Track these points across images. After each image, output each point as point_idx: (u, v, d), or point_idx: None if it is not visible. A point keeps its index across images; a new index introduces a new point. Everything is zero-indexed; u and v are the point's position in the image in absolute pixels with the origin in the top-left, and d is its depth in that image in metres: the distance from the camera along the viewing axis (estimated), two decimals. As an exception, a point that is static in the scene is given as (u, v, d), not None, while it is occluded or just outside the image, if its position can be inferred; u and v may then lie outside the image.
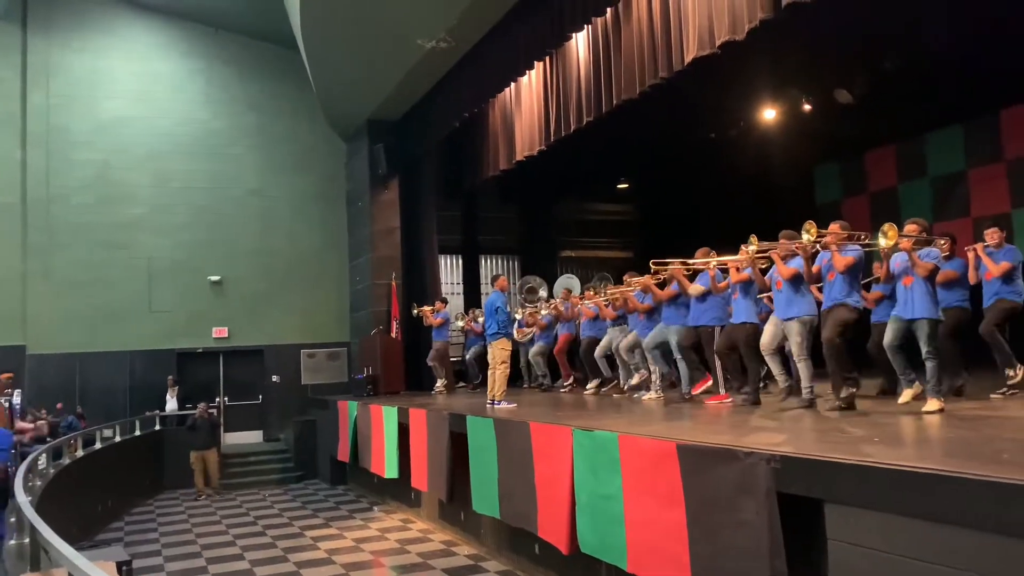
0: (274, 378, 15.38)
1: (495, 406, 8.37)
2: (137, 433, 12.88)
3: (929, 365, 5.51)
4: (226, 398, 15.04)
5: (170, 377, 14.23)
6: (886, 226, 5.54)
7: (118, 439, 12.02)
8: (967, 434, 4.52)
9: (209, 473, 12.65)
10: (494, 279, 9.26)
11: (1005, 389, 6.43)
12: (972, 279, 6.69)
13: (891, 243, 5.53)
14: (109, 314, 14.23)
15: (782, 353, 6.76)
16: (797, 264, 6.37)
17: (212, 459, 12.70)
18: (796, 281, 6.33)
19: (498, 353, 8.67)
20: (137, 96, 14.92)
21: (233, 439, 14.82)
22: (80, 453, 10.25)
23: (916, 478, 3.22)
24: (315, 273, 15.82)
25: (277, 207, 15.71)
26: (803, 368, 6.39)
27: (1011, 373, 6.46)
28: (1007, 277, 6.57)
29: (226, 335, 15.14)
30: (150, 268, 14.66)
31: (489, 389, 8.79)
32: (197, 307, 14.93)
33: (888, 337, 5.78)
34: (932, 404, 5.43)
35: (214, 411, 13.33)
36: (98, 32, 14.75)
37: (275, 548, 8.91)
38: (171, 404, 14.06)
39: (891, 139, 12.86)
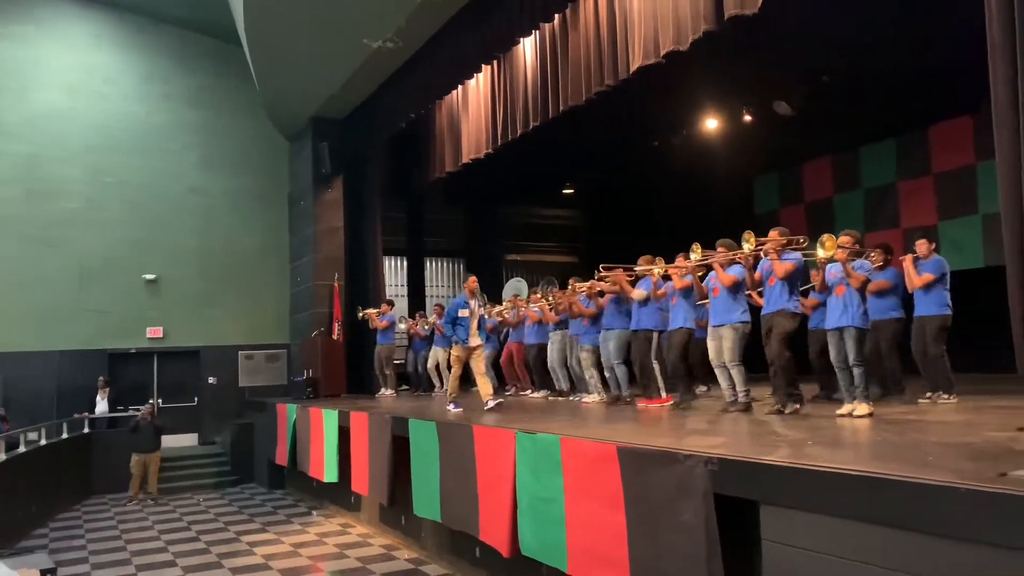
0: (211, 380, 15.02)
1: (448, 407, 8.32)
2: (64, 436, 12.40)
3: (856, 372, 5.73)
4: (160, 400, 14.61)
5: (101, 378, 13.76)
6: (824, 237, 5.72)
7: (44, 442, 11.54)
8: (895, 437, 4.68)
9: (149, 478, 12.26)
10: (465, 280, 9.02)
11: (931, 395, 6.65)
12: (910, 288, 6.89)
13: (828, 254, 5.71)
14: (37, 313, 13.70)
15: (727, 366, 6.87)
16: (737, 271, 6.53)
17: (154, 463, 12.32)
18: (734, 288, 6.48)
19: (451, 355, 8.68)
20: (69, 88, 14.41)
21: (167, 442, 14.33)
22: (2, 457, 9.82)
23: (846, 480, 3.31)
24: (255, 273, 15.51)
25: (216, 205, 15.35)
26: (736, 373, 6.53)
27: (946, 397, 6.58)
28: (934, 288, 6.78)
29: (161, 335, 14.73)
30: (82, 266, 14.16)
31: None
32: (131, 306, 14.48)
33: (833, 354, 5.88)
34: (862, 408, 5.64)
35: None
36: (27, 20, 14.18)
37: (209, 554, 8.68)
38: (101, 406, 13.61)
39: (827, 151, 13.25)
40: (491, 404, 7.96)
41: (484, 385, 8.18)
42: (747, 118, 11.73)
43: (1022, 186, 4.49)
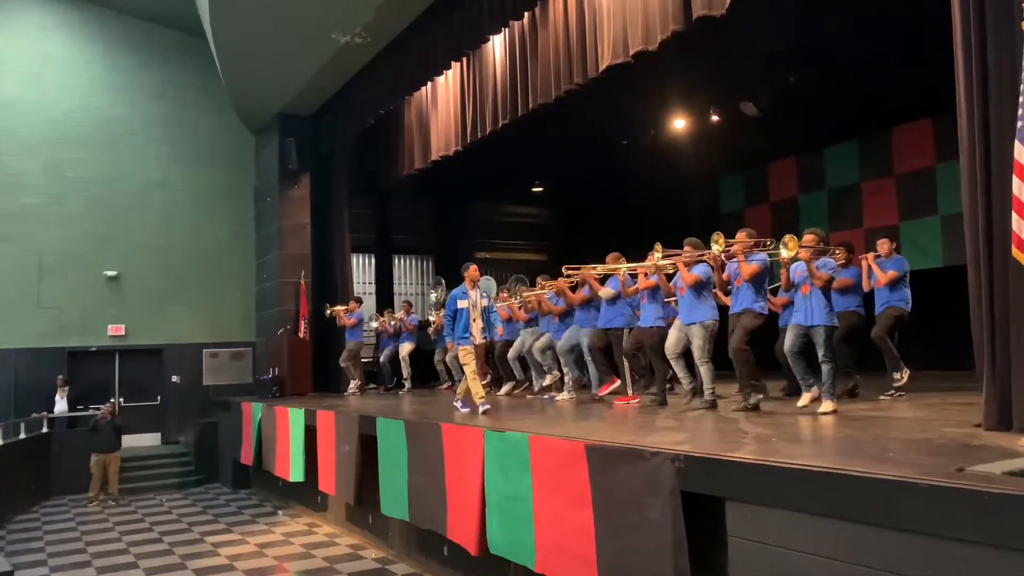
0: (174, 378, 14.79)
1: (455, 403, 7.70)
2: (22, 436, 12.12)
3: (825, 369, 5.84)
4: (122, 399, 14.34)
5: (60, 377, 13.48)
6: (787, 238, 5.80)
7: (0, 442, 11.28)
8: (857, 434, 4.76)
9: (109, 479, 12.03)
10: (462, 268, 7.77)
11: (892, 391, 6.84)
12: (866, 287, 7.08)
13: (791, 254, 5.80)
14: (-7, 309, 13.38)
15: (687, 357, 6.96)
16: (700, 271, 6.60)
17: (114, 464, 12.08)
18: (699, 287, 6.55)
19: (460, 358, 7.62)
20: (28, 79, 14.07)
21: (129, 441, 14.08)
22: (-43, 458, 9.58)
23: (811, 476, 3.36)
24: (219, 270, 15.29)
25: (180, 200, 15.11)
26: (705, 371, 6.60)
27: (897, 376, 6.89)
28: (894, 286, 6.98)
29: (123, 333, 14.46)
30: (40, 261, 13.85)
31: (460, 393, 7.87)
32: (91, 303, 14.19)
33: (788, 343, 6.12)
34: (826, 406, 5.75)
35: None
36: (-15, 9, 13.85)
37: (172, 555, 8.55)
38: (60, 405, 13.33)
39: (793, 152, 13.43)
40: (484, 407, 7.22)
41: (476, 386, 7.38)
42: (714, 118, 11.84)
43: (980, 187, 4.59)
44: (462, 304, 7.50)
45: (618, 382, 8.01)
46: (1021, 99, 3.97)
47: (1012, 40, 4.33)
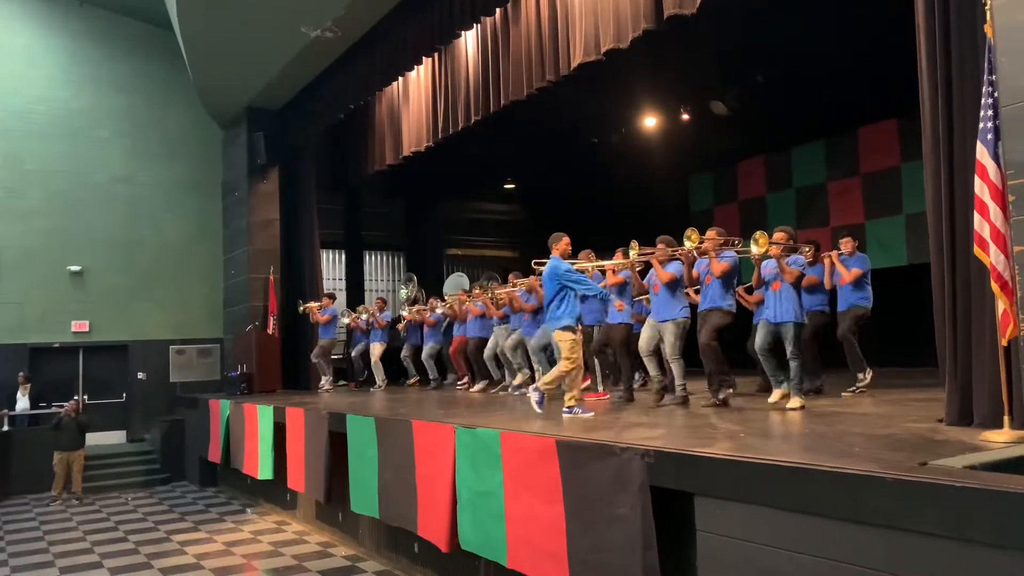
0: (140, 375, 14.55)
1: (565, 415, 6.05)
2: (-18, 434, 11.88)
3: (793, 365, 5.92)
4: (86, 396, 14.08)
5: (21, 374, 13.18)
6: (757, 234, 5.87)
7: (-41, 441, 11.05)
8: (823, 429, 4.83)
9: (73, 477, 11.80)
10: (553, 241, 6.45)
11: (855, 388, 6.96)
12: (828, 284, 7.19)
13: (762, 250, 5.86)
14: (-49, 305, 13.06)
15: (659, 355, 7.02)
16: (674, 268, 6.66)
17: (78, 462, 11.85)
18: (672, 285, 6.60)
19: (562, 345, 6.26)
20: (-12, 69, 13.74)
21: (94, 439, 13.82)
22: (-87, 457, 9.35)
23: (778, 471, 3.41)
24: (186, 266, 15.07)
25: (146, 195, 14.85)
26: (676, 367, 6.67)
27: (861, 376, 7.01)
28: (858, 284, 7.10)
29: (87, 329, 14.19)
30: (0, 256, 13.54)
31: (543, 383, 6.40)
32: (54, 299, 13.90)
33: (758, 341, 6.19)
34: (794, 402, 5.84)
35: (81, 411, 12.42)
36: (-57, -4, 13.48)
37: (138, 554, 8.42)
38: (22, 403, 13.04)
39: (761, 151, 13.58)
40: (587, 412, 6.10)
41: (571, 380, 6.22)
42: (684, 117, 11.94)
43: (944, 187, 4.69)
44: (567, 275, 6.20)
45: (589, 380, 8.05)
46: (983, 100, 4.06)
47: (974, 43, 4.43)
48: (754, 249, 5.87)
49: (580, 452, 4.42)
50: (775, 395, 6.13)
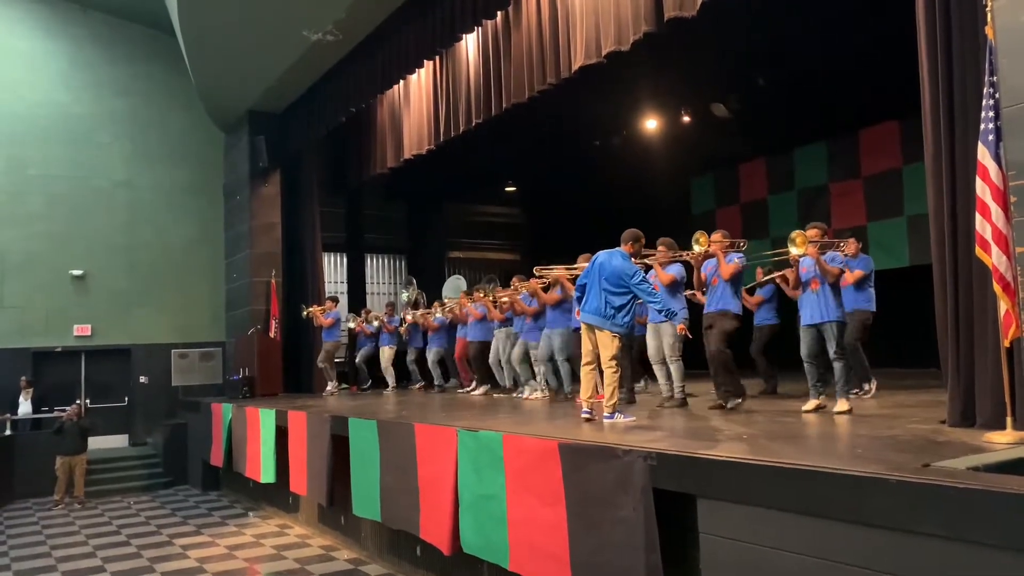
0: (142, 379, 14.56)
1: (607, 420, 5.78)
2: (-16, 438, 11.89)
3: (837, 367, 5.65)
4: (88, 400, 14.09)
5: (23, 378, 13.19)
6: (794, 234, 5.64)
7: (-39, 445, 11.06)
8: (826, 431, 4.83)
9: (75, 481, 11.80)
10: (632, 239, 6.13)
11: (858, 391, 6.91)
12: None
13: (800, 250, 5.62)
14: (-47, 309, 13.08)
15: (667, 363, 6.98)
16: (675, 270, 6.66)
17: (80, 466, 11.86)
18: (673, 287, 6.60)
19: (604, 346, 5.93)
20: (-10, 74, 13.77)
21: (96, 443, 13.83)
22: (-84, 461, 9.36)
23: (781, 472, 3.40)
24: (188, 269, 15.09)
25: (147, 199, 14.87)
26: (675, 369, 6.66)
27: (867, 387, 6.93)
28: (860, 286, 7.06)
29: (89, 333, 14.20)
30: (2, 261, 13.54)
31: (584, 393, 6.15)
32: (56, 303, 13.91)
33: (803, 348, 5.82)
34: (841, 404, 5.57)
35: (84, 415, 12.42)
36: (-55, 1, 13.51)
37: (140, 558, 8.42)
38: (24, 407, 13.06)
39: (762, 153, 13.58)
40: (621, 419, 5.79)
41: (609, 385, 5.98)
42: (685, 119, 11.95)
43: (945, 188, 4.68)
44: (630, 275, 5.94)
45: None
46: (984, 102, 4.06)
47: (975, 44, 4.43)
48: (793, 251, 5.63)
49: (582, 454, 4.42)
50: (810, 404, 5.78)
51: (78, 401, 13.04)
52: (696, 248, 6.30)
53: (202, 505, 11.63)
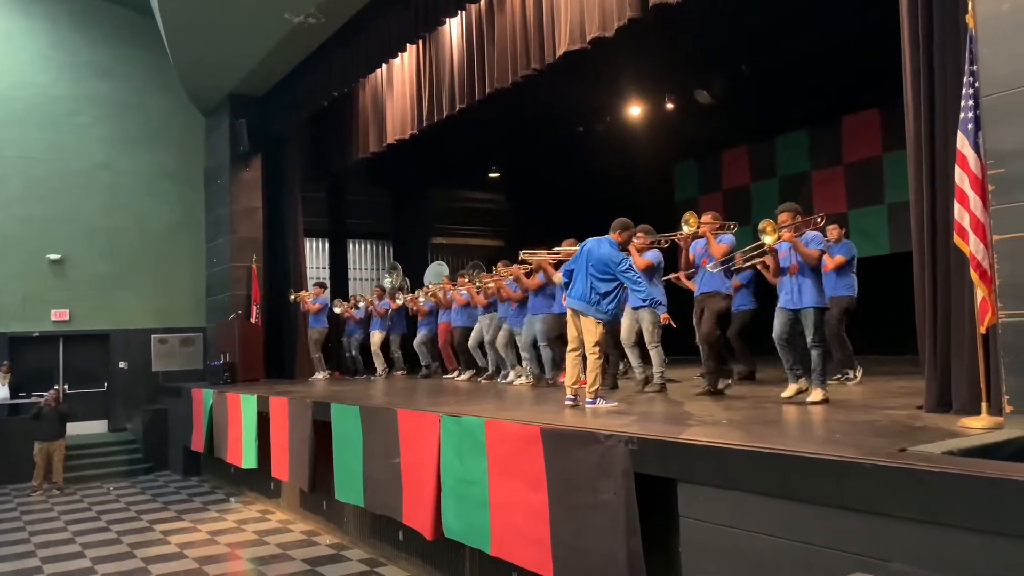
0: (121, 364, 14.44)
1: (589, 405, 5.81)
2: (-40, 424, 11.75)
3: (814, 354, 5.47)
4: (67, 386, 13.96)
5: (1, 363, 13.04)
6: (763, 223, 5.49)
7: (-63, 431, 10.93)
8: (804, 416, 4.88)
9: (54, 467, 11.71)
10: (621, 227, 6.15)
11: (840, 376, 6.98)
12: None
13: (773, 238, 5.51)
14: (-73, 293, 12.88)
15: (641, 346, 7.02)
16: (652, 256, 6.69)
17: (59, 452, 11.75)
18: (650, 272, 6.63)
19: (588, 332, 5.95)
20: (-37, 54, 13.51)
21: (75, 429, 13.72)
22: None
23: (759, 457, 3.44)
24: (168, 254, 14.93)
25: (127, 182, 14.68)
26: (655, 354, 6.70)
27: (852, 374, 6.99)
28: (841, 271, 7.11)
29: (67, 318, 14.04)
30: (-24, 244, 13.37)
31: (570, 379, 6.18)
32: (33, 287, 13.73)
33: (776, 330, 5.68)
34: (816, 394, 5.43)
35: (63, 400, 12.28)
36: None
37: (120, 544, 8.38)
38: (1, 392, 12.90)
39: (745, 140, 13.63)
40: (603, 404, 5.81)
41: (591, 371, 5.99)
42: (669, 106, 11.95)
43: (925, 176, 4.72)
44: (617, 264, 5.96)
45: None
46: (964, 90, 4.08)
47: (956, 33, 4.46)
48: (766, 239, 5.48)
49: (564, 439, 4.44)
50: (790, 389, 5.68)
51: (56, 386, 12.92)
52: (685, 229, 6.32)
53: (183, 491, 11.58)
